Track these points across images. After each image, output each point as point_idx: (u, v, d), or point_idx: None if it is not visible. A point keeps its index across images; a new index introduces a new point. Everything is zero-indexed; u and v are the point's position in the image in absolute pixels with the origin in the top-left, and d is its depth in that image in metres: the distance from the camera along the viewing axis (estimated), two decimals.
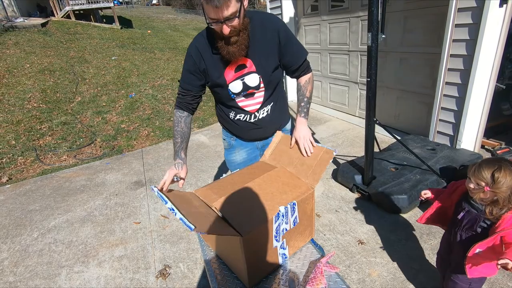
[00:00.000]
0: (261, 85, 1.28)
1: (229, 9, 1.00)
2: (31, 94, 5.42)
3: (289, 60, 1.27)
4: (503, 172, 1.01)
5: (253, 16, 1.18)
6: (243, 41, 1.13)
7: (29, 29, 9.13)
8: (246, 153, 1.52)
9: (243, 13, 1.07)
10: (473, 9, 2.40)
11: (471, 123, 2.70)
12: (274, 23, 1.20)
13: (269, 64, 1.24)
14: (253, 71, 1.24)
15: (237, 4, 1.02)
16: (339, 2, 4.13)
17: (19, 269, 2.06)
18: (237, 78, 1.25)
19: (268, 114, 1.38)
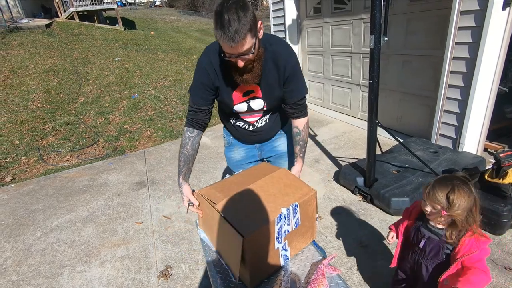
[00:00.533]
0: (264, 108, 1.35)
1: (244, 46, 1.00)
2: (35, 95, 5.46)
3: (289, 92, 1.27)
4: (457, 194, 0.95)
5: (266, 46, 1.17)
6: (257, 70, 1.14)
7: (34, 30, 9.21)
8: (244, 151, 1.56)
9: (258, 45, 1.07)
10: (476, 12, 2.40)
11: (474, 126, 2.70)
12: (284, 57, 1.20)
13: (274, 94, 1.28)
14: (259, 97, 1.29)
15: (252, 40, 1.01)
16: (342, 4, 4.14)
17: (22, 268, 2.07)
18: (243, 101, 1.30)
19: (266, 123, 1.43)
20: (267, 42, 1.18)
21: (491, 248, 1.85)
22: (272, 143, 1.53)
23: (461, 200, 0.95)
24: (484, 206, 1.90)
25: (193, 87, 1.27)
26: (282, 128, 1.52)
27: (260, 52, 1.12)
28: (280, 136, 1.53)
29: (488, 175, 2.00)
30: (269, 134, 1.49)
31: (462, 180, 1.00)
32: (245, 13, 0.95)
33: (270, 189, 1.10)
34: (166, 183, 3.13)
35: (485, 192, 2.00)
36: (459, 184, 0.97)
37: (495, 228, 1.91)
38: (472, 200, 0.97)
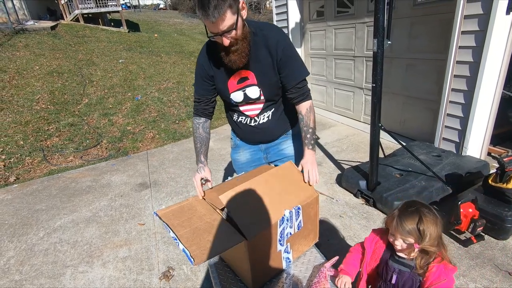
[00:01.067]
0: (261, 97, 1.31)
1: (225, 22, 1.02)
2: (40, 96, 5.50)
3: (285, 77, 1.25)
4: (426, 223, 0.90)
5: (257, 31, 1.20)
6: (243, 49, 1.15)
7: (39, 31, 9.30)
8: (249, 154, 1.54)
9: (241, 23, 1.09)
10: (479, 16, 2.40)
11: (477, 130, 2.68)
12: (275, 39, 1.20)
13: (269, 78, 1.26)
14: (254, 83, 1.27)
15: (234, 16, 1.03)
16: (345, 8, 4.15)
17: (25, 267, 2.08)
18: (239, 89, 1.30)
19: (268, 120, 1.39)
20: (258, 28, 1.21)
21: (495, 253, 1.84)
22: (278, 146, 1.48)
23: (431, 229, 0.90)
24: (488, 211, 1.89)
25: (195, 80, 1.37)
26: (289, 130, 1.48)
27: (245, 31, 1.13)
28: (286, 139, 1.48)
29: (492, 180, 1.99)
30: (273, 133, 1.44)
31: (425, 205, 0.96)
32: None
33: (275, 185, 1.08)
34: (169, 184, 3.14)
35: (488, 196, 1.99)
36: (425, 211, 0.93)
37: (499, 233, 1.90)
38: (440, 226, 0.93)
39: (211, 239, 0.89)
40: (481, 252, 1.85)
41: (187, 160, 3.75)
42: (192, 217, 1.00)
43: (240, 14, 1.06)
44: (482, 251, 1.86)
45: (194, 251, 0.82)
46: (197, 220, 0.98)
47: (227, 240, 0.89)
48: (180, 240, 0.86)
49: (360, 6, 3.84)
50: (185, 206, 1.10)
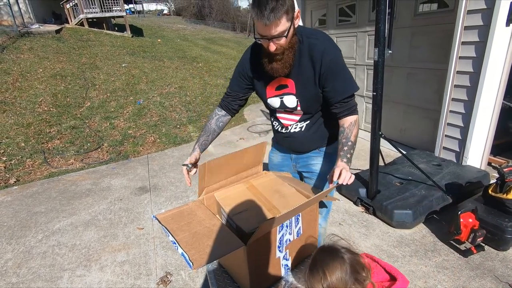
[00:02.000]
0: (298, 108, 1.26)
1: (278, 28, 0.99)
2: (42, 98, 5.54)
3: (329, 92, 1.17)
4: (329, 275, 0.80)
5: (304, 39, 1.14)
6: (288, 59, 1.11)
7: (44, 35, 9.40)
8: (281, 157, 1.52)
9: (292, 32, 1.06)
10: (479, 27, 2.43)
11: (478, 140, 2.69)
12: (320, 50, 1.12)
13: (308, 90, 1.20)
14: (293, 93, 1.23)
15: (287, 23, 1.00)
16: (347, 16, 4.20)
17: (22, 270, 2.07)
18: (276, 96, 1.27)
19: (301, 131, 1.33)
20: (305, 35, 1.15)
21: (495, 264, 1.82)
22: (307, 159, 1.41)
23: (336, 281, 0.80)
24: (488, 221, 1.88)
25: (233, 74, 1.35)
26: (324, 147, 1.39)
27: (293, 41, 1.09)
28: (318, 155, 1.39)
29: (492, 190, 1.99)
30: (303, 145, 1.38)
31: (329, 252, 0.85)
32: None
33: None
34: (168, 189, 3.13)
35: (488, 207, 1.99)
36: (327, 261, 0.83)
37: (499, 243, 1.89)
38: (346, 268, 0.81)
39: (210, 244, 0.89)
40: (481, 263, 1.84)
41: None
42: (192, 221, 1.00)
43: (293, 22, 1.04)
44: (482, 262, 1.85)
45: (193, 255, 0.82)
46: (196, 224, 0.98)
47: (226, 245, 0.89)
48: (179, 244, 0.86)
49: (362, 15, 3.89)
50: (185, 211, 1.10)
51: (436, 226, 2.20)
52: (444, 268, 1.83)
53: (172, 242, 0.89)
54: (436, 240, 2.08)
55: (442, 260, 1.90)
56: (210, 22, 28.30)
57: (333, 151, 1.36)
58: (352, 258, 0.83)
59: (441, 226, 2.19)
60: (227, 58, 11.97)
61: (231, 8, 32.31)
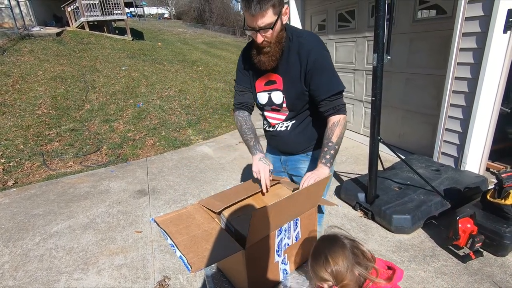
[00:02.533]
0: (284, 105, 1.28)
1: (264, 19, 1.04)
2: (42, 100, 5.54)
3: (315, 89, 1.19)
4: (332, 262, 0.83)
5: (293, 38, 1.18)
6: (274, 53, 1.15)
7: (44, 37, 9.44)
8: (271, 158, 1.52)
9: (279, 27, 1.10)
10: (477, 34, 2.45)
11: (476, 145, 2.70)
12: (307, 48, 1.16)
13: (294, 87, 1.22)
14: (280, 89, 1.26)
15: (274, 16, 1.06)
16: (346, 22, 4.24)
17: (19, 273, 2.06)
18: (264, 91, 1.31)
19: (286, 130, 1.35)
20: (295, 34, 1.20)
21: (494, 269, 1.82)
22: (296, 162, 1.42)
23: (339, 265, 0.83)
24: (486, 227, 1.88)
25: (236, 74, 1.40)
26: (311, 151, 1.39)
27: (280, 36, 1.14)
28: (305, 159, 1.40)
29: (490, 195, 1.99)
30: (289, 145, 1.40)
31: (330, 241, 0.89)
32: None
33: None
34: (167, 192, 3.13)
35: (487, 212, 1.99)
36: (329, 248, 0.86)
37: (497, 249, 1.89)
38: (348, 253, 0.85)
39: (209, 248, 0.89)
40: (479, 269, 1.84)
41: (186, 168, 3.75)
42: (190, 225, 1.00)
43: (281, 17, 1.09)
44: (481, 267, 1.85)
45: (191, 259, 0.82)
46: (195, 228, 0.98)
47: (225, 249, 0.89)
48: (178, 247, 0.86)
49: (361, 21, 3.92)
50: (184, 214, 1.10)
51: (435, 231, 2.20)
52: (443, 274, 1.83)
53: (171, 245, 0.89)
54: (435, 245, 2.08)
55: (441, 265, 1.90)
56: (211, 26, 28.45)
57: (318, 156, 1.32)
58: (352, 243, 0.88)
59: (439, 231, 2.19)
60: (227, 62, 12.02)
61: (231, 12, 32.52)
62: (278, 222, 0.97)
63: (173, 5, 35.23)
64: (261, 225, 0.90)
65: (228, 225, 1.05)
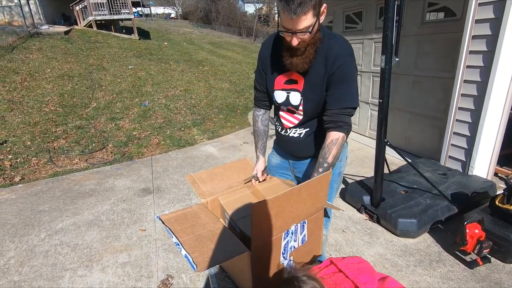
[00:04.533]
0: (300, 107, 1.23)
1: (304, 23, 0.98)
2: (50, 98, 5.61)
3: (329, 96, 1.15)
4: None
5: (324, 39, 1.12)
6: (309, 55, 1.10)
7: (53, 36, 9.55)
8: (279, 160, 1.51)
9: (317, 28, 1.04)
10: (487, 36, 2.42)
11: (484, 149, 2.66)
12: (335, 52, 1.11)
13: (314, 92, 1.18)
14: (299, 90, 1.20)
15: (313, 18, 0.99)
16: (353, 23, 4.21)
17: (24, 269, 2.07)
18: (283, 89, 1.25)
19: (300, 137, 1.32)
20: (327, 35, 1.14)
21: (502, 276, 1.79)
22: (305, 165, 1.40)
23: None
24: (495, 233, 1.85)
25: (256, 68, 1.36)
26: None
27: (316, 37, 1.08)
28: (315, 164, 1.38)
29: (499, 201, 1.96)
30: (301, 151, 1.37)
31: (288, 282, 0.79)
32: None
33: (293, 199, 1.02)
34: (172, 191, 3.14)
35: (495, 218, 1.96)
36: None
37: (506, 255, 1.85)
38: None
39: (214, 247, 0.88)
40: (487, 275, 1.81)
41: (190, 167, 3.76)
42: (195, 224, 1.00)
43: (319, 18, 1.02)
44: (488, 274, 1.82)
45: (196, 258, 0.81)
46: (200, 227, 0.98)
47: (230, 250, 0.89)
48: (183, 246, 0.86)
49: (368, 23, 3.90)
50: (189, 213, 1.10)
51: (441, 236, 2.17)
52: (449, 279, 1.80)
53: (176, 243, 0.89)
54: (441, 250, 2.05)
55: (447, 271, 1.87)
56: (217, 26, 28.53)
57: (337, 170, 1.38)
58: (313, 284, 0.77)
59: (446, 236, 2.16)
60: (233, 62, 12.04)
61: (237, 13, 32.59)
62: (282, 219, 0.95)
63: (179, 5, 35.43)
64: (263, 219, 0.88)
65: (233, 225, 1.04)
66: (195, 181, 1.30)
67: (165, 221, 1.02)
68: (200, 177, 1.33)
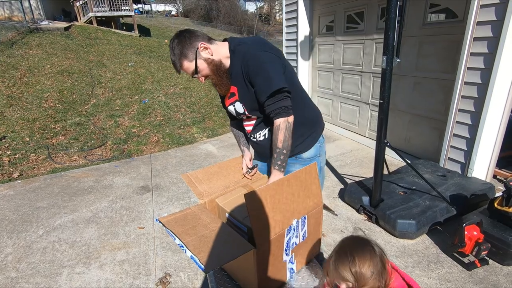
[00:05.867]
0: (246, 112, 1.33)
1: (188, 71, 1.21)
2: (49, 94, 5.58)
3: (256, 95, 1.22)
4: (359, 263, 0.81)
5: (236, 48, 1.24)
6: (220, 81, 1.27)
7: (53, 31, 9.50)
8: (261, 165, 1.56)
9: (203, 65, 1.22)
10: (489, 39, 2.41)
11: (484, 151, 2.67)
12: (242, 53, 1.21)
13: (246, 94, 1.27)
14: (238, 99, 1.32)
15: (191, 63, 1.19)
16: (355, 23, 4.21)
17: (22, 265, 2.07)
18: (230, 104, 1.37)
19: (266, 138, 1.37)
20: (238, 44, 1.25)
21: (500, 279, 1.80)
22: (287, 166, 1.35)
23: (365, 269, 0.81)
24: (493, 235, 1.85)
25: None
26: (301, 153, 1.38)
27: (212, 67, 1.23)
28: (295, 162, 1.38)
29: (498, 203, 1.96)
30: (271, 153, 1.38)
31: (361, 243, 0.86)
32: (178, 45, 1.18)
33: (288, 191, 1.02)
34: (170, 189, 3.13)
35: (494, 220, 1.96)
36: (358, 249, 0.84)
37: (504, 258, 1.86)
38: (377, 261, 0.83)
39: (219, 247, 0.88)
40: (485, 277, 1.81)
41: (190, 165, 3.76)
42: (197, 225, 1.00)
43: (200, 57, 1.20)
44: (486, 276, 1.82)
45: (203, 258, 0.81)
46: (202, 228, 0.98)
47: (236, 248, 0.89)
48: (188, 247, 0.86)
49: (370, 23, 3.89)
50: (189, 214, 1.09)
51: (440, 237, 2.18)
52: (447, 281, 1.80)
53: (180, 245, 0.88)
54: (439, 252, 2.06)
55: (445, 272, 1.87)
56: (217, 24, 28.47)
57: (310, 155, 1.38)
58: (381, 253, 0.84)
59: (444, 237, 2.16)
60: None
61: (238, 11, 32.51)
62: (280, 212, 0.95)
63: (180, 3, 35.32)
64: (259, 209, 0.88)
65: (239, 225, 1.04)
66: (191, 181, 1.30)
67: (165, 223, 1.01)
68: (196, 176, 1.33)
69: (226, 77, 1.27)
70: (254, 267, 0.92)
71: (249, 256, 0.91)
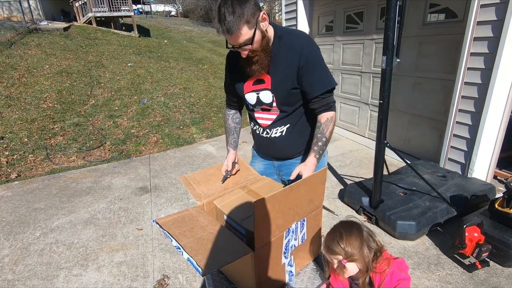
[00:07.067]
0: (274, 104, 1.26)
1: (241, 38, 1.05)
2: (47, 94, 5.56)
3: (307, 86, 1.19)
4: (346, 237, 0.94)
5: (283, 35, 1.18)
6: (263, 60, 1.16)
7: (52, 32, 9.48)
8: (263, 166, 1.51)
9: (259, 36, 1.10)
10: (489, 39, 2.40)
11: (484, 152, 2.65)
12: (300, 45, 1.16)
13: (284, 85, 1.21)
14: (268, 88, 1.24)
15: (250, 31, 1.05)
16: (354, 24, 4.19)
17: (19, 267, 2.05)
18: (253, 91, 1.29)
19: (282, 135, 1.33)
20: (285, 32, 1.19)
21: (501, 280, 1.78)
22: (291, 166, 1.35)
23: (351, 242, 0.94)
24: (494, 236, 1.84)
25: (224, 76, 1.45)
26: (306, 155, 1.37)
27: (264, 43, 1.13)
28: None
29: (499, 204, 1.94)
30: (287, 151, 1.39)
31: (348, 223, 1.01)
32: (241, 5, 1.01)
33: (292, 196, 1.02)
34: (169, 190, 3.11)
35: (494, 221, 1.94)
36: (346, 228, 0.98)
37: (505, 259, 1.84)
38: (363, 237, 0.96)
39: (216, 250, 0.86)
40: (486, 279, 1.80)
41: (188, 166, 3.74)
42: (194, 227, 0.98)
43: (258, 27, 1.07)
44: (487, 277, 1.81)
45: (200, 261, 0.79)
46: (199, 230, 0.96)
47: (234, 251, 0.87)
48: (184, 249, 0.84)
49: (369, 23, 3.88)
50: (186, 216, 1.08)
51: (440, 239, 2.16)
52: (448, 283, 1.79)
53: (177, 247, 0.86)
54: (440, 253, 2.04)
55: (446, 274, 1.86)
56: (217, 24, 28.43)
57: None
58: (369, 232, 0.99)
59: (445, 239, 2.15)
60: None
61: None
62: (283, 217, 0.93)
63: (180, 3, 35.33)
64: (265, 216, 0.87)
65: (237, 227, 1.02)
66: (189, 183, 1.28)
67: (162, 224, 1.00)
68: (194, 178, 1.31)
69: (269, 58, 1.17)
70: (253, 270, 0.91)
71: (248, 259, 0.90)
